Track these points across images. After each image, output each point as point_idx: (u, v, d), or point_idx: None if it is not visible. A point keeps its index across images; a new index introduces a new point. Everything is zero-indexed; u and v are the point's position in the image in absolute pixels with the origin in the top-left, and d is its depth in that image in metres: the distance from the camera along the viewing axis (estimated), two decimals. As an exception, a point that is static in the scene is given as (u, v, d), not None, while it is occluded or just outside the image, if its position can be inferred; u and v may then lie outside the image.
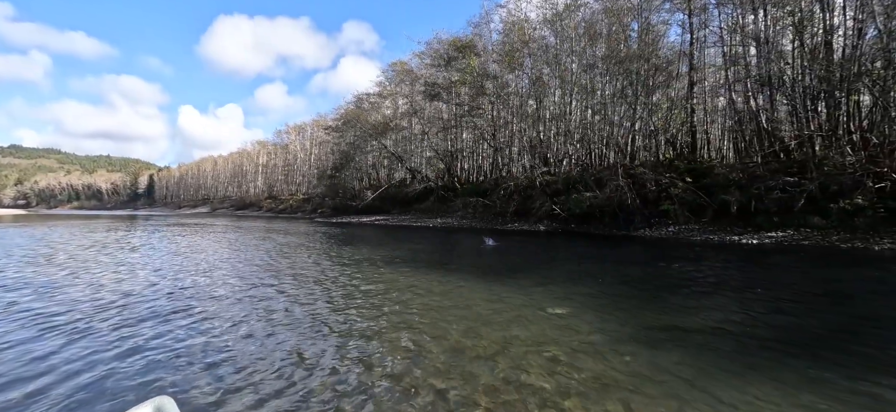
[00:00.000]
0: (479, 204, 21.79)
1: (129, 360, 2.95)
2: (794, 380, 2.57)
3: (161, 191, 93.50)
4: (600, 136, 19.89)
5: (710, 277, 6.11)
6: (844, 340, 3.33)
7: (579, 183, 17.21)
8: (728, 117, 16.35)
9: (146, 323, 3.83)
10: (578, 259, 8.40)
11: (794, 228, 10.47)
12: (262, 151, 64.30)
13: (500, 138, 25.14)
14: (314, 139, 51.56)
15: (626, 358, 2.94)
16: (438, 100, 28.79)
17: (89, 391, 2.49)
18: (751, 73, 14.50)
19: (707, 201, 13.10)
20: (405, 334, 3.54)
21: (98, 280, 6.00)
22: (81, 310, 4.21)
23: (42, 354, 3.02)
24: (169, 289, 5.37)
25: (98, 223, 26.50)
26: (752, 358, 2.95)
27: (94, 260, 8.20)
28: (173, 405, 1.62)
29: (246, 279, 6.11)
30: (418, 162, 31.29)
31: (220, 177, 74.05)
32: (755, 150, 14.16)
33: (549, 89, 22.76)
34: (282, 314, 4.18)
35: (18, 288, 5.30)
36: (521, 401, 2.35)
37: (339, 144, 36.70)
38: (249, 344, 3.30)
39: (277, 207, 47.19)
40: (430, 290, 5.21)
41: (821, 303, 4.70)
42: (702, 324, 3.77)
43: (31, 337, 3.41)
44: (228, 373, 2.75)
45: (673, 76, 18.22)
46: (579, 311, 4.21)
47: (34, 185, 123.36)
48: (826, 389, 2.45)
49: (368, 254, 9.18)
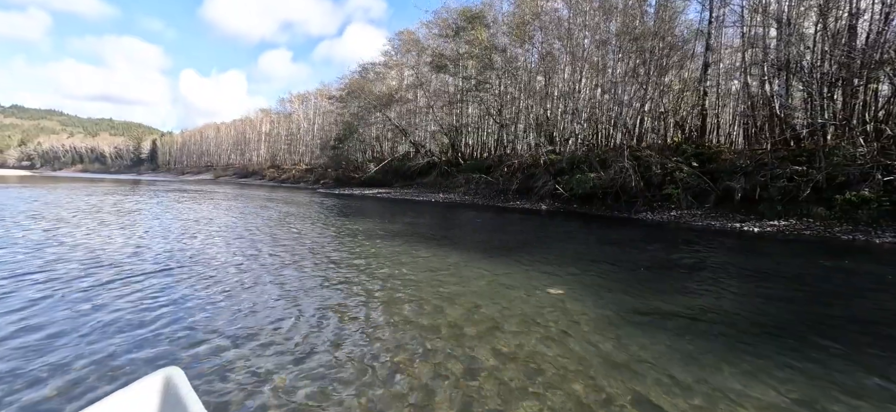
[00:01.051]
0: (482, 180, 21.75)
1: (137, 330, 2.97)
2: (779, 367, 2.67)
3: (164, 156, 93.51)
4: (608, 116, 19.52)
5: (706, 263, 6.19)
6: (828, 330, 3.42)
7: (584, 163, 17.08)
8: (741, 101, 15.96)
9: (155, 291, 3.90)
10: (577, 239, 8.48)
11: (797, 218, 10.45)
12: (265, 120, 63.69)
13: (506, 115, 24.74)
14: (318, 109, 50.92)
15: (618, 339, 3.04)
16: (445, 72, 28.16)
17: (96, 362, 2.48)
18: (769, 55, 14.03)
19: (711, 187, 13.03)
20: (402, 308, 3.65)
21: (106, 245, 6.14)
22: (86, 278, 4.25)
23: (46, 323, 3.02)
24: (177, 257, 5.50)
25: (104, 186, 26.76)
26: (740, 344, 3.05)
27: (106, 224, 8.36)
28: (182, 376, 1.57)
29: (251, 249, 6.25)
30: (422, 136, 30.99)
31: (223, 144, 73.79)
32: (765, 136, 13.92)
33: (559, 65, 22.16)
34: (285, 284, 4.31)
35: (28, 252, 5.44)
36: (508, 377, 2.46)
37: (343, 115, 36.26)
38: (256, 314, 3.41)
39: (280, 177, 47.27)
40: (429, 267, 5.32)
41: (811, 292, 4.78)
42: (694, 308, 3.86)
43: (35, 305, 3.41)
44: (236, 342, 2.82)
45: (688, 56, 17.68)
46: (574, 291, 4.31)
47: (38, 147, 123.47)
48: (808, 377, 2.55)
49: (370, 226, 9.30)
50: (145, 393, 1.50)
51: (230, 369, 2.45)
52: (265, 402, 2.11)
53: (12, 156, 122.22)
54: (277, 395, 2.18)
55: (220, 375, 2.37)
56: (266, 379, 2.35)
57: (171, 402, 1.48)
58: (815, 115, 12.21)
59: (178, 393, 1.47)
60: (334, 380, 2.36)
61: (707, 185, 13.13)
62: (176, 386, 1.50)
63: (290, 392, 2.21)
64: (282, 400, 2.14)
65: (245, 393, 2.19)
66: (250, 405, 2.08)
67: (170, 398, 1.49)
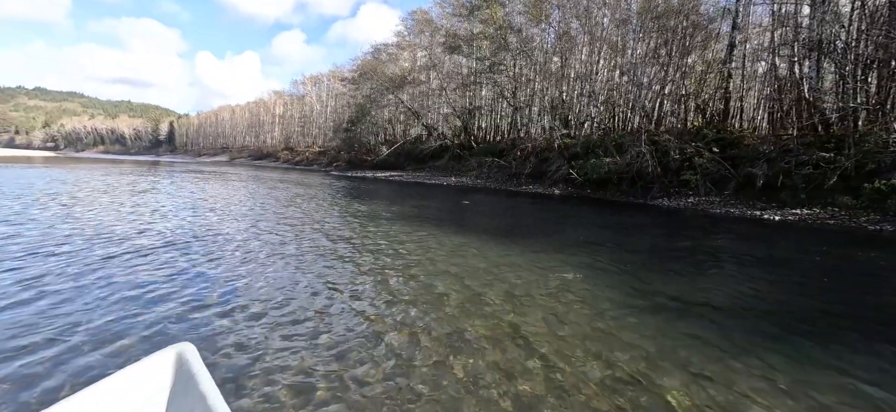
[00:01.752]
0: (495, 164, 21.62)
1: (150, 306, 3.05)
2: (792, 358, 2.71)
3: (181, 138, 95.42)
4: (626, 98, 19.01)
5: (722, 251, 6.14)
6: (846, 322, 3.41)
7: (599, 147, 16.79)
8: (767, 84, 15.30)
9: (169, 268, 4.04)
10: (590, 225, 8.47)
11: (821, 206, 10.15)
12: (278, 102, 64.09)
13: (521, 97, 24.31)
14: (331, 91, 50.89)
15: (629, 327, 3.11)
16: (458, 53, 27.68)
17: (109, 337, 2.55)
18: (800, 35, 13.33)
19: (732, 173, 12.70)
20: (409, 290, 3.78)
21: (126, 223, 6.45)
22: (105, 255, 4.43)
23: (63, 299, 3.12)
24: (190, 235, 5.75)
25: (126, 167, 27.66)
26: (753, 334, 3.08)
27: (127, 203, 8.72)
28: (194, 351, 1.58)
29: (265, 228, 6.47)
30: (435, 118, 30.78)
31: (238, 126, 74.76)
32: (792, 121, 13.38)
33: (577, 46, 21.52)
34: (297, 264, 4.49)
35: (47, 229, 5.74)
36: (516, 361, 2.57)
37: (356, 97, 36.20)
38: (268, 291, 3.55)
39: (294, 159, 47.85)
40: (441, 246, 5.44)
41: (832, 283, 4.72)
42: (707, 297, 3.88)
43: (54, 280, 3.54)
44: (249, 318, 2.92)
45: (712, 36, 16.92)
46: (585, 277, 4.37)
47: (61, 128, 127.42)
48: (821, 368, 2.58)
49: (381, 209, 9.46)
50: (158, 367, 1.53)
51: (242, 345, 2.52)
52: (276, 377, 2.19)
53: (37, 137, 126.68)
54: (288, 370, 2.28)
55: (231, 350, 2.44)
56: (276, 354, 2.42)
57: (183, 377, 1.51)
58: (846, 98, 11.66)
59: (190, 368, 1.49)
60: (343, 356, 2.46)
61: (727, 171, 12.80)
62: (188, 361, 1.52)
63: (302, 368, 2.31)
64: (292, 375, 2.23)
65: (256, 368, 2.27)
66: (261, 380, 2.17)
67: (182, 373, 1.52)
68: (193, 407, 1.39)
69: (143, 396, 1.49)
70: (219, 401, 1.35)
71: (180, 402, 1.49)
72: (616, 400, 2.12)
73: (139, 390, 1.49)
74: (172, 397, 1.53)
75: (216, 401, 1.34)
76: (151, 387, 1.52)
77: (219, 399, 1.36)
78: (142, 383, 1.50)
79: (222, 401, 1.36)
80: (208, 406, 1.33)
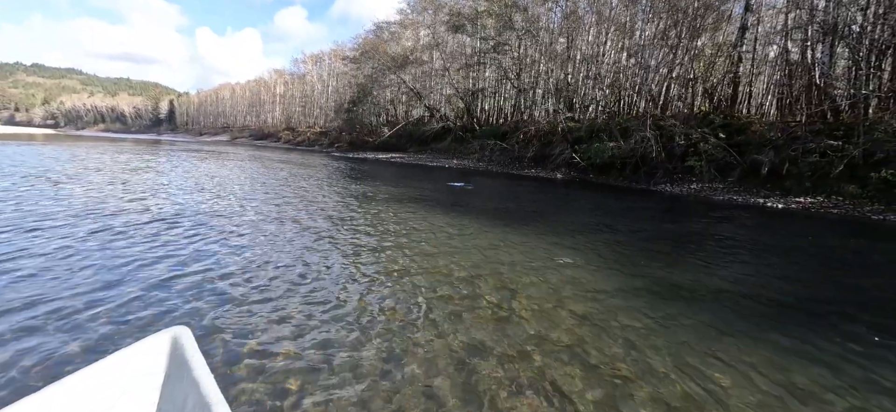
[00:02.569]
0: (497, 147, 21.44)
1: (145, 288, 3.03)
2: (788, 347, 2.74)
3: (181, 117, 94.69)
4: (633, 82, 18.64)
5: (723, 238, 6.14)
6: (842, 311, 3.43)
7: (603, 131, 16.59)
8: (777, 69, 14.95)
9: (165, 249, 4.02)
10: (591, 209, 8.45)
11: (826, 195, 10.07)
12: (279, 81, 63.18)
13: (525, 79, 23.88)
14: (332, 70, 50.07)
15: (626, 311, 3.14)
16: (462, 32, 27.05)
17: (103, 318, 2.53)
18: (815, 18, 12.93)
19: (737, 160, 12.56)
20: (405, 273, 3.81)
21: (124, 202, 6.47)
22: (100, 235, 4.42)
23: (58, 277, 3.09)
24: (189, 216, 5.76)
25: (128, 146, 27.58)
26: (750, 321, 3.11)
27: (129, 182, 8.74)
28: (190, 335, 1.56)
29: (268, 211, 6.49)
30: (437, 99, 30.37)
31: (238, 105, 74.01)
32: (801, 108, 13.13)
33: (584, 26, 20.98)
34: (296, 246, 4.51)
35: (43, 206, 5.76)
36: (515, 344, 2.60)
37: (357, 77, 35.63)
38: (265, 274, 3.56)
39: (295, 139, 47.56)
40: (442, 229, 5.45)
41: (830, 272, 4.73)
42: (707, 283, 3.90)
43: (46, 258, 3.50)
44: (244, 303, 2.91)
45: (724, 18, 16.43)
46: (586, 261, 4.39)
47: (60, 106, 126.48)
48: (816, 359, 2.61)
49: (384, 191, 9.44)
50: (152, 350, 1.52)
51: (237, 329, 2.52)
52: (269, 364, 2.19)
53: (37, 114, 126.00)
54: (283, 355, 2.28)
55: (227, 335, 2.44)
56: (272, 339, 2.42)
57: (177, 361, 1.50)
58: (858, 85, 11.40)
59: (185, 352, 1.48)
60: (338, 341, 2.47)
61: (733, 157, 12.66)
62: (183, 345, 1.51)
63: (297, 354, 2.32)
64: (288, 360, 2.24)
65: (251, 353, 2.28)
66: (256, 365, 2.17)
67: (176, 357, 1.51)
68: (187, 392, 1.37)
69: (137, 379, 1.48)
70: (213, 387, 1.32)
71: (174, 387, 1.47)
72: (605, 382, 2.16)
73: (133, 373, 1.48)
74: (166, 381, 1.52)
75: (210, 388, 1.32)
76: (145, 371, 1.50)
77: (213, 385, 1.33)
78: (135, 366, 1.48)
79: (216, 387, 1.33)
80: (202, 392, 1.31)
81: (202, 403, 1.28)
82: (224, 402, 1.27)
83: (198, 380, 1.35)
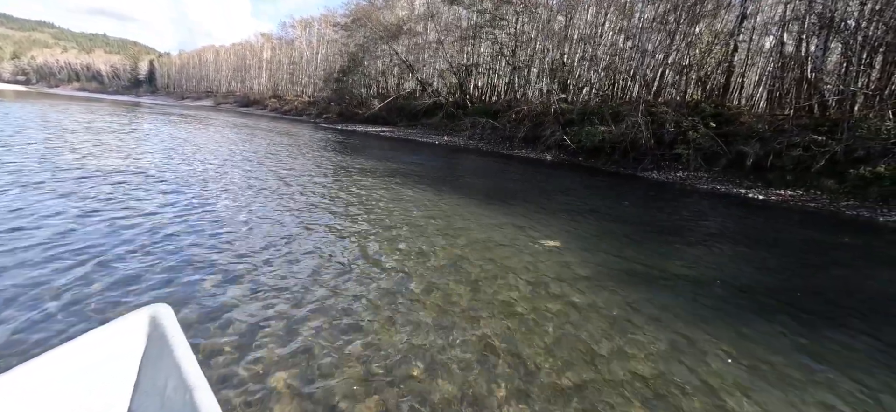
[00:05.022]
0: (488, 125, 21.17)
1: (122, 263, 2.89)
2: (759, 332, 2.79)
3: (162, 79, 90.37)
4: (629, 65, 18.42)
5: (702, 226, 6.23)
6: (803, 300, 3.53)
7: (596, 115, 16.49)
8: (771, 61, 14.93)
9: (144, 225, 3.82)
10: (578, 193, 8.47)
11: (805, 189, 10.30)
12: (266, 46, 60.47)
13: (520, 56, 23.36)
14: (321, 37, 48.07)
15: (605, 294, 3.16)
16: (459, 4, 26.11)
17: (80, 296, 2.41)
18: (813, 9, 12.81)
19: (723, 150, 12.68)
20: (389, 254, 3.75)
21: (103, 170, 6.17)
22: (77, 205, 4.18)
23: (34, 255, 2.89)
24: (170, 188, 5.55)
25: (105, 107, 26.28)
26: (725, 307, 3.16)
27: (108, 147, 8.33)
28: (170, 313, 1.53)
29: (249, 182, 6.28)
30: (430, 74, 29.59)
31: (223, 69, 70.90)
32: (791, 101, 13.22)
33: (583, 4, 20.44)
34: (278, 221, 4.39)
35: (17, 170, 5.47)
36: (496, 325, 2.58)
37: (348, 45, 34.32)
38: (249, 250, 3.48)
39: (282, 108, 46.06)
40: (433, 210, 5.37)
41: (798, 265, 4.85)
42: (685, 269, 3.97)
43: (21, 232, 3.30)
44: (223, 279, 2.83)
45: (723, 5, 16.19)
46: (569, 243, 4.40)
47: (31, 61, 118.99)
48: (783, 344, 2.67)
49: (376, 167, 9.25)
50: (130, 329, 1.47)
51: (218, 306, 2.45)
52: (252, 343, 2.15)
53: (6, 70, 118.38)
54: (266, 332, 2.25)
55: (209, 312, 2.38)
56: (253, 315, 2.38)
57: (156, 341, 1.45)
58: (848, 81, 11.46)
59: (165, 331, 1.44)
60: (321, 320, 2.44)
61: (719, 147, 12.77)
62: (162, 324, 1.46)
63: (281, 334, 2.28)
64: (270, 338, 2.21)
65: (234, 331, 2.23)
66: (238, 344, 2.13)
67: (156, 336, 1.46)
68: (168, 373, 1.33)
69: (112, 361, 1.41)
70: (194, 368, 1.28)
71: (154, 368, 1.42)
72: (580, 367, 2.16)
73: (108, 354, 1.41)
74: (145, 362, 1.46)
75: (191, 368, 1.28)
76: (121, 352, 1.44)
77: (194, 366, 1.29)
78: (111, 347, 1.42)
79: (198, 368, 1.28)
80: (183, 373, 1.27)
81: (183, 385, 1.23)
82: (206, 385, 1.23)
83: (179, 361, 1.31)
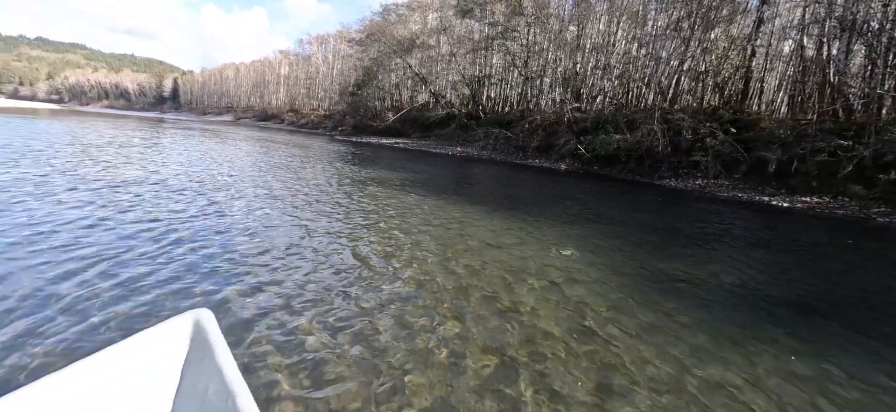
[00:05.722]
0: (501, 135, 21.28)
1: (162, 270, 3.00)
2: (785, 345, 2.77)
3: (185, 95, 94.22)
4: (643, 73, 18.34)
5: (724, 234, 6.13)
6: (838, 312, 3.45)
7: (610, 123, 16.41)
8: (791, 65, 14.65)
9: (180, 233, 3.99)
10: (594, 201, 8.44)
11: (832, 195, 9.98)
12: (284, 62, 62.54)
13: (533, 67, 23.52)
14: (337, 52, 49.47)
15: (622, 306, 3.17)
16: (471, 17, 26.56)
17: (122, 301, 2.51)
18: (833, 13, 12.58)
19: (743, 156, 12.43)
20: (422, 263, 3.85)
21: (132, 183, 6.51)
22: (115, 216, 4.39)
23: (74, 263, 3.00)
24: (203, 198, 5.81)
25: (132, 123, 27.55)
26: (747, 319, 3.13)
27: (134, 160, 8.77)
28: (212, 318, 1.55)
29: (273, 193, 6.52)
30: (443, 85, 30.02)
31: (242, 85, 73.51)
32: (812, 106, 12.91)
33: (595, 14, 20.54)
34: (309, 229, 4.55)
35: (55, 185, 5.83)
36: (508, 333, 2.64)
37: (363, 60, 35.20)
38: (280, 256, 3.60)
39: (299, 121, 47.32)
40: (444, 218, 5.47)
41: (826, 272, 4.73)
42: (705, 279, 3.92)
43: (64, 242, 3.44)
44: (261, 284, 2.92)
45: (739, 10, 16.02)
46: (584, 252, 4.41)
47: (64, 81, 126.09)
48: (810, 358, 2.64)
49: (392, 177, 9.45)
50: (174, 333, 1.51)
51: (257, 312, 2.54)
52: (292, 350, 2.20)
53: (42, 89, 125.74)
54: (301, 341, 2.31)
55: (249, 318, 2.45)
56: (291, 324, 2.45)
57: (199, 345, 1.48)
58: (874, 84, 11.16)
59: (207, 336, 1.46)
60: (359, 328, 2.53)
61: (739, 154, 12.52)
62: (205, 329, 1.50)
63: (320, 343, 2.37)
64: (309, 348, 2.27)
65: (270, 335, 2.30)
66: (275, 347, 2.19)
67: (198, 341, 1.50)
68: (209, 377, 1.34)
69: (157, 362, 1.46)
70: (236, 374, 1.28)
71: (195, 371, 1.45)
72: (595, 375, 2.20)
73: (154, 356, 1.45)
74: (187, 365, 1.50)
75: (232, 373, 1.28)
76: (165, 354, 1.48)
77: (236, 372, 1.29)
78: (158, 349, 1.46)
79: (238, 373, 1.29)
80: (225, 378, 1.27)
81: (225, 390, 1.24)
82: (247, 390, 1.22)
83: (221, 366, 1.32)
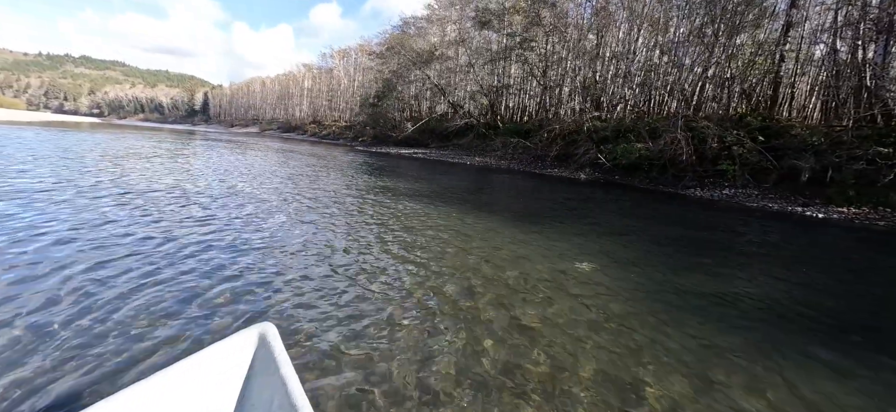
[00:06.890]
0: (520, 145, 21.34)
1: (222, 285, 3.10)
2: (818, 367, 2.76)
3: (215, 108, 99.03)
4: (665, 80, 18.08)
5: (755, 248, 5.99)
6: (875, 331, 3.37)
7: (631, 132, 16.22)
8: (824, 70, 14.14)
9: (235, 248, 4.13)
10: (616, 213, 8.39)
11: (871, 206, 9.53)
12: (307, 75, 64.91)
13: (551, 76, 23.56)
14: (358, 65, 51.01)
15: (643, 324, 3.22)
16: (489, 28, 26.95)
17: (186, 315, 2.59)
18: (868, 14, 12.14)
19: (773, 165, 12.03)
20: (429, 279, 3.98)
21: (181, 201, 6.97)
22: (170, 232, 4.68)
23: (136, 278, 3.07)
24: (252, 215, 6.16)
25: (167, 135, 29.21)
26: (777, 338, 3.12)
27: (173, 176, 9.37)
28: (275, 332, 1.60)
29: (310, 204, 6.85)
30: (461, 96, 30.44)
31: (268, 98, 76.65)
32: (848, 111, 12.41)
33: (615, 22, 20.46)
34: (329, 237, 4.79)
35: (100, 199, 6.32)
36: (524, 352, 2.75)
37: (383, 72, 36.16)
38: (334, 273, 3.78)
39: (321, 132, 48.85)
40: (463, 230, 5.61)
41: (870, 291, 4.57)
42: (734, 296, 3.83)
43: (123, 258, 3.53)
44: (322, 300, 3.02)
45: (766, 14, 15.63)
46: (605, 265, 4.39)
47: (105, 96, 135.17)
48: (848, 381, 2.62)
49: (407, 187, 9.70)
50: (241, 345, 1.56)
51: (318, 327, 2.64)
52: (350, 367, 2.30)
53: (84, 104, 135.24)
54: (358, 358, 2.46)
55: (310, 333, 2.52)
56: (350, 341, 2.57)
57: (263, 358, 1.53)
58: (915, 88, 10.65)
59: (271, 350, 1.51)
60: (387, 346, 2.64)
61: (769, 162, 12.13)
62: (269, 342, 1.54)
63: (377, 358, 2.51)
64: (367, 365, 2.44)
65: (329, 354, 2.39)
66: (335, 368, 2.23)
67: (262, 354, 1.54)
68: (273, 390, 1.37)
69: (224, 375, 1.52)
70: (298, 388, 1.32)
71: (259, 383, 1.49)
72: (612, 394, 2.29)
73: (222, 369, 1.51)
74: (249, 377, 1.55)
75: (295, 387, 1.32)
76: (232, 365, 1.54)
77: (298, 386, 1.33)
78: (225, 362, 1.52)
79: (300, 387, 1.32)
80: (288, 391, 1.30)
81: (288, 403, 1.27)
82: (309, 406, 1.25)
83: (285, 379, 1.36)
